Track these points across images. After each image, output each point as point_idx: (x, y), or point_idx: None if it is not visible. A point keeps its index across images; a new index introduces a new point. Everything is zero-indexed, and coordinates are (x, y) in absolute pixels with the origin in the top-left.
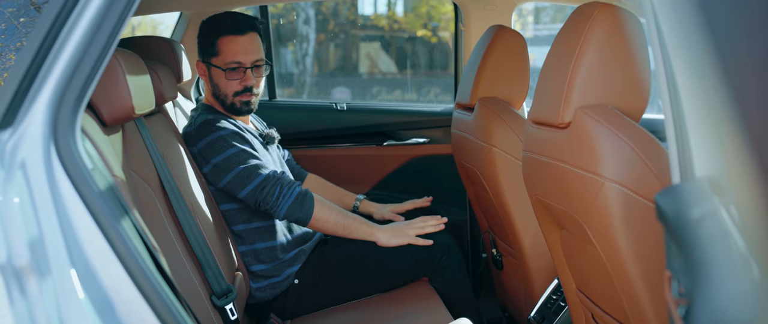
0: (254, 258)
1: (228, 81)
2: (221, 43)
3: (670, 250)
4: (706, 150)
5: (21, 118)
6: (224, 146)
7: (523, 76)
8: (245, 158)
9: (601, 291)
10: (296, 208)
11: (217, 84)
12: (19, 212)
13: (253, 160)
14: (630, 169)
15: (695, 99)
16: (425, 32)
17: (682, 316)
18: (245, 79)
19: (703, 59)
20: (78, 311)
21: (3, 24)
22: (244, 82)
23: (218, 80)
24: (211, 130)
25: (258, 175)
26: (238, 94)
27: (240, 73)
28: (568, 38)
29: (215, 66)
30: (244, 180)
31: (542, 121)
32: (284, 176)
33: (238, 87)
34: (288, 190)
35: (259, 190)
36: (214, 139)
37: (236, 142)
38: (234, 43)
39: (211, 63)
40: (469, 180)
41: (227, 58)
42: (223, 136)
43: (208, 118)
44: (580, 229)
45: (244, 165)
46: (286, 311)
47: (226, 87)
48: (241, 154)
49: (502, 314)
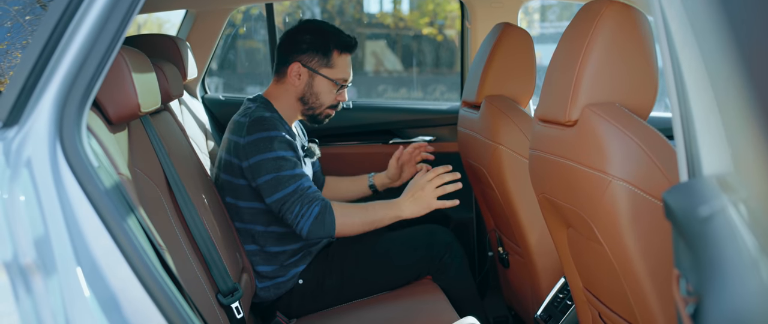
0: (262, 259)
1: (331, 94)
2: (340, 58)
3: (678, 248)
4: (715, 147)
5: (26, 116)
6: (269, 148)
7: (530, 74)
8: (282, 165)
9: (608, 289)
10: (318, 227)
11: (317, 93)
12: (24, 210)
13: (288, 171)
14: (637, 166)
15: (703, 96)
16: (431, 30)
17: (690, 314)
18: (342, 96)
19: (711, 56)
20: (84, 309)
21: (9, 22)
22: (340, 98)
23: (320, 89)
24: (265, 128)
25: (286, 187)
26: (332, 107)
27: (343, 89)
28: (575, 36)
29: (325, 77)
30: (273, 187)
31: (549, 119)
32: (308, 192)
33: (335, 101)
34: (307, 208)
35: (282, 202)
36: (263, 137)
37: (282, 149)
38: (348, 61)
39: (319, 71)
40: (475, 178)
41: (340, 74)
42: (273, 137)
43: (265, 116)
44: (587, 227)
45: (278, 173)
46: (291, 310)
47: (325, 98)
48: (280, 161)
49: (509, 313)
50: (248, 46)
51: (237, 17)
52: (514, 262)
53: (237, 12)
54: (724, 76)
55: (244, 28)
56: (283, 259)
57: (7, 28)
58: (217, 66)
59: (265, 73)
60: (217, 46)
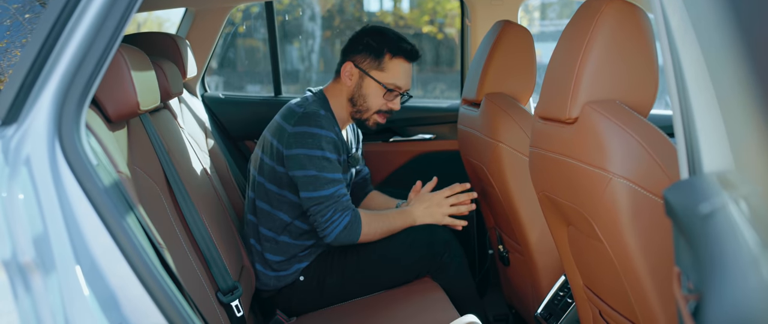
0: (273, 247)
1: (381, 99)
2: (393, 63)
3: (678, 245)
4: (715, 145)
5: (25, 114)
6: (316, 145)
7: (530, 72)
8: (325, 166)
9: (608, 287)
10: (345, 235)
11: (366, 95)
12: (23, 209)
13: (329, 173)
14: (638, 164)
15: (704, 94)
16: (431, 28)
17: (691, 312)
18: (395, 103)
19: (711, 54)
20: (83, 308)
21: (8, 20)
22: (391, 105)
23: (369, 92)
24: (316, 124)
25: (325, 189)
26: (380, 112)
27: (393, 95)
28: (575, 33)
29: (375, 79)
30: (312, 185)
31: (549, 117)
32: (343, 200)
33: (384, 107)
34: (340, 216)
35: (316, 202)
36: (312, 133)
37: (328, 149)
38: (403, 68)
39: (370, 74)
40: (475, 176)
41: (391, 78)
42: (322, 136)
43: (319, 113)
44: (588, 225)
45: (320, 173)
46: (291, 308)
47: (373, 102)
48: (323, 161)
49: (509, 311)
50: (248, 45)
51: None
52: (515, 260)
53: (236, 10)
54: (725, 73)
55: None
56: (294, 251)
57: (6, 27)
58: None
59: (265, 71)
60: (216, 45)
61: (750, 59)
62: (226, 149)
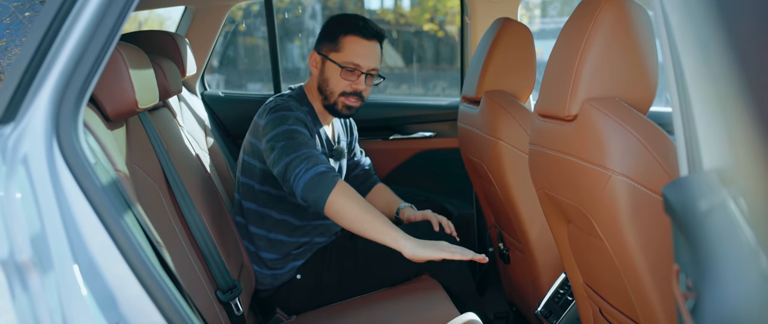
0: (266, 245)
1: (340, 79)
2: (346, 41)
3: (677, 243)
4: (715, 142)
5: (23, 112)
6: (284, 121)
7: (530, 69)
8: (293, 137)
9: (608, 285)
10: (311, 187)
11: (328, 79)
12: (21, 207)
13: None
14: (637, 161)
15: (703, 91)
16: (432, 26)
17: (690, 309)
18: (357, 83)
19: (711, 51)
20: (80, 307)
21: (7, 18)
22: (354, 86)
23: (330, 75)
24: (284, 109)
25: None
26: (345, 95)
27: (354, 75)
28: (575, 30)
29: (332, 61)
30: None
31: (549, 114)
32: (318, 156)
33: (348, 89)
34: (312, 166)
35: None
36: (280, 116)
37: (295, 124)
38: (358, 44)
39: (328, 57)
40: (475, 174)
41: (347, 57)
42: (289, 116)
43: (291, 104)
44: (587, 222)
45: (288, 141)
46: (290, 306)
47: (335, 85)
48: (293, 133)
49: (510, 308)
50: (249, 43)
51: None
52: (515, 258)
53: (236, 9)
54: (724, 69)
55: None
56: (287, 249)
57: (6, 25)
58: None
59: (265, 69)
60: (216, 43)
61: (748, 56)
62: (226, 147)
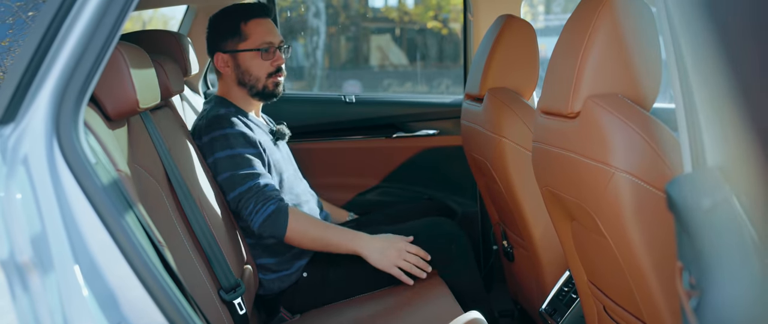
0: (263, 251)
1: (262, 62)
2: (249, 27)
3: (681, 240)
4: (718, 139)
5: (23, 112)
6: (225, 145)
7: (533, 66)
8: (238, 163)
9: (612, 283)
10: (268, 226)
11: (248, 69)
12: (21, 208)
13: (244, 168)
14: (640, 158)
15: (707, 88)
16: (435, 24)
17: (693, 307)
18: (278, 59)
19: (714, 48)
20: (81, 307)
21: (10, 18)
22: (276, 62)
23: (249, 65)
24: (220, 126)
25: (241, 185)
26: (272, 75)
27: (271, 53)
28: (577, 27)
29: (245, 50)
30: (230, 186)
31: (551, 111)
32: (265, 190)
33: (272, 68)
34: (263, 206)
35: (238, 200)
36: (218, 136)
37: (238, 145)
38: (262, 25)
39: (238, 49)
40: (479, 171)
41: (258, 40)
42: (228, 134)
43: (220, 113)
44: (591, 220)
45: (234, 171)
46: (295, 305)
47: (259, 69)
48: (235, 158)
49: (514, 307)
50: None
51: None
52: (519, 256)
53: None
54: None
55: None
56: (284, 250)
57: (9, 25)
58: None
59: None
60: None
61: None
62: None
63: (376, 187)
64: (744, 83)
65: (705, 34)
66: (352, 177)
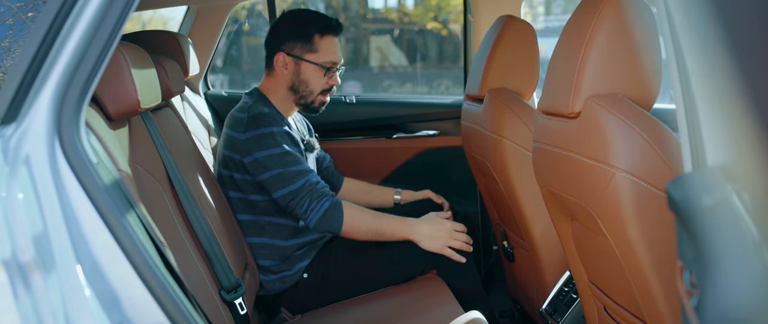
0: (269, 252)
1: (322, 78)
2: (323, 41)
3: (681, 239)
4: (719, 139)
5: (24, 113)
6: (272, 143)
7: (533, 67)
8: (288, 161)
9: (612, 282)
10: (325, 223)
11: (306, 80)
12: (23, 208)
13: (294, 166)
14: (641, 158)
15: (707, 88)
16: (435, 24)
17: (694, 307)
18: (334, 80)
19: (714, 48)
20: (84, 307)
21: (10, 19)
22: (332, 82)
23: (309, 76)
24: (265, 124)
25: (294, 182)
26: (324, 92)
27: (332, 72)
28: (578, 27)
29: (310, 62)
30: (280, 183)
31: (552, 112)
32: (317, 187)
33: (327, 85)
34: (317, 203)
35: (291, 197)
36: (264, 133)
37: (285, 143)
38: (334, 44)
39: (303, 58)
40: (479, 172)
41: (326, 56)
42: (275, 133)
43: (264, 111)
44: (591, 220)
45: (285, 168)
46: (295, 305)
47: (315, 84)
48: (285, 156)
49: (514, 307)
50: (253, 43)
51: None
52: (519, 256)
53: (240, 8)
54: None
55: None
56: (290, 252)
57: (9, 26)
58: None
59: None
60: (219, 42)
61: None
62: None
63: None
64: (744, 83)
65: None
66: (352, 177)
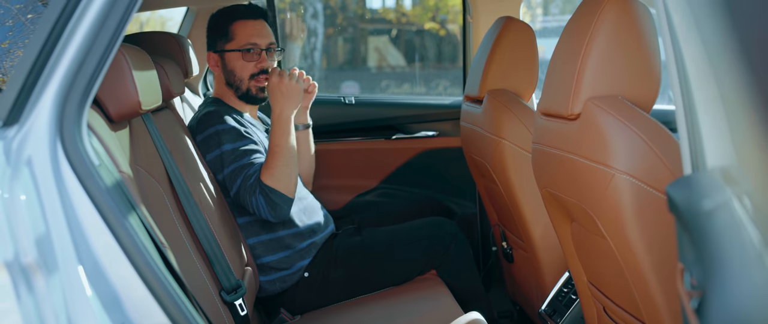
0: (264, 249)
1: (245, 63)
2: (235, 27)
3: (681, 241)
4: (718, 140)
5: (27, 114)
6: (216, 143)
7: (532, 68)
8: (232, 158)
9: (612, 283)
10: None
11: (233, 70)
12: (25, 209)
13: (234, 163)
14: (641, 160)
15: (706, 89)
16: (433, 25)
17: (694, 308)
18: (261, 61)
19: (713, 49)
20: (86, 308)
21: (10, 21)
22: (260, 64)
23: (233, 65)
24: (210, 124)
25: (235, 181)
26: (254, 76)
27: (255, 55)
28: (578, 29)
29: (230, 50)
30: (230, 181)
31: (552, 113)
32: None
33: (255, 69)
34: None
35: (238, 195)
36: (210, 134)
37: (227, 142)
38: (248, 26)
39: (224, 49)
40: (478, 173)
41: (242, 40)
42: (219, 131)
43: (210, 111)
44: (591, 221)
45: (231, 166)
46: (295, 305)
47: (241, 70)
48: (226, 155)
49: (513, 308)
50: None
51: None
52: (518, 257)
53: None
54: (727, 67)
55: None
56: (286, 244)
57: (8, 27)
58: None
59: None
60: None
61: (751, 54)
62: None
63: (375, 188)
64: (743, 84)
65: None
66: (352, 178)
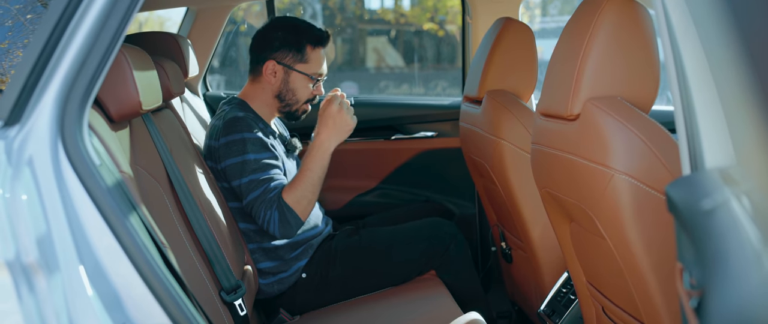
0: (262, 255)
1: (309, 89)
2: (314, 52)
3: (681, 241)
4: (717, 140)
5: (28, 114)
6: (240, 151)
7: (531, 69)
8: (253, 169)
9: (611, 283)
10: (286, 228)
11: (294, 89)
12: (26, 209)
13: (256, 174)
14: (640, 160)
15: (705, 90)
16: (432, 25)
17: (693, 308)
18: (319, 90)
19: (712, 50)
20: (87, 307)
21: (10, 21)
22: (316, 92)
23: (296, 85)
24: (238, 130)
25: (253, 191)
26: (308, 102)
27: (318, 83)
28: (577, 30)
29: (300, 72)
30: (246, 191)
31: (551, 113)
32: (268, 197)
33: (311, 96)
34: (270, 214)
35: (251, 206)
36: (236, 139)
37: (252, 151)
38: (322, 56)
39: (294, 68)
40: (477, 173)
41: (316, 68)
42: (246, 139)
43: (238, 116)
44: (590, 221)
45: (251, 176)
46: (295, 306)
47: (301, 93)
48: (250, 164)
49: (512, 308)
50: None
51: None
52: (517, 257)
53: (238, 9)
54: (726, 68)
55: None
56: (284, 253)
57: (8, 28)
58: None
59: None
60: (218, 44)
61: (750, 54)
62: None
63: (374, 188)
64: (741, 84)
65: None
66: (351, 179)
